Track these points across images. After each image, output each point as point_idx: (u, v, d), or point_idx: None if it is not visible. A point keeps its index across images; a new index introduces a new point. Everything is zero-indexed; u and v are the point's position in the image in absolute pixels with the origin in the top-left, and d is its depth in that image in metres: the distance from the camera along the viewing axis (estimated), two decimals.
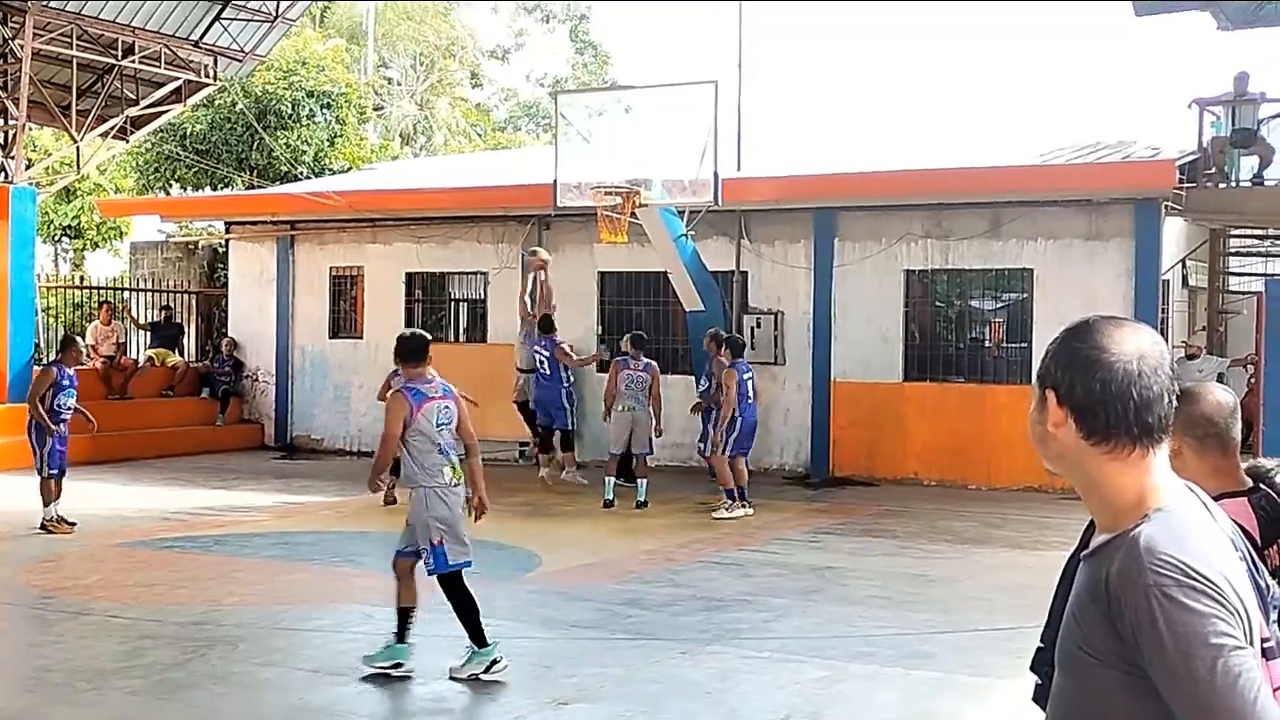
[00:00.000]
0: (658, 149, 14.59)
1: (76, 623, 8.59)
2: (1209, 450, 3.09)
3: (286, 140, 26.30)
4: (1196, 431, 3.06)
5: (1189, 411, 3.02)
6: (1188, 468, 2.88)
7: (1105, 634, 1.87)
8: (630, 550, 11.44)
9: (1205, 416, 3.09)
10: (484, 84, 44.12)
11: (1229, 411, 3.14)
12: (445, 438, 7.26)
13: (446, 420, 7.28)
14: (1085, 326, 2.01)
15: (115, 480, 15.83)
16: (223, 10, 20.20)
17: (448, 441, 7.26)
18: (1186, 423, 3.00)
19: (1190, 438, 3.06)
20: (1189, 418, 3.02)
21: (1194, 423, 3.06)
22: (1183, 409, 2.80)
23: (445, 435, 7.26)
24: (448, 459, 7.27)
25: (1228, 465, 3.12)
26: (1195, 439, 3.06)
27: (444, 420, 7.28)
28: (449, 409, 7.32)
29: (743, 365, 13.38)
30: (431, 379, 7.46)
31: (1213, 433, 3.10)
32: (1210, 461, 3.08)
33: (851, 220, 16.37)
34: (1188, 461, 2.99)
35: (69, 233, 29.58)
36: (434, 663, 7.52)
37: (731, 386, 13.06)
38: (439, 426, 7.25)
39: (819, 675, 7.36)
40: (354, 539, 12.13)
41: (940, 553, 11.42)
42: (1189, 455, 3.03)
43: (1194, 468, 2.97)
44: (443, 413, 7.30)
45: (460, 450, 7.34)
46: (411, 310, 19.43)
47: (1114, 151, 16.74)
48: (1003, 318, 16.36)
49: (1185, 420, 2.98)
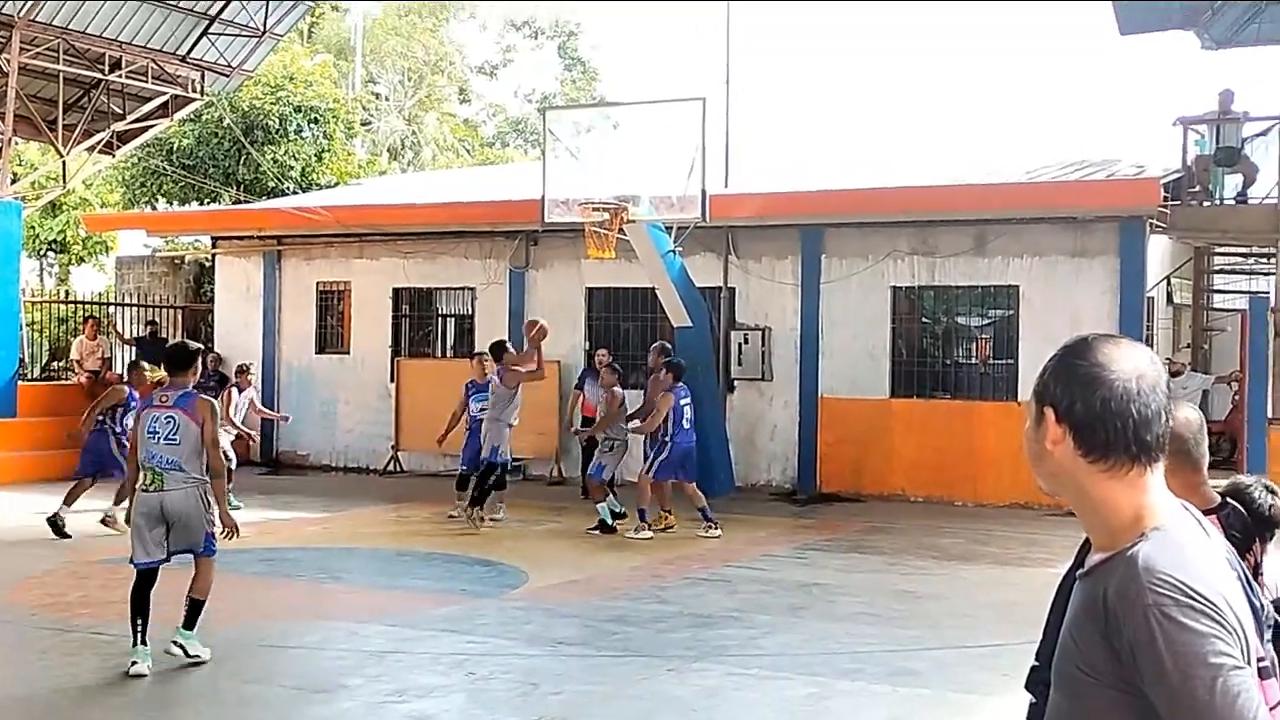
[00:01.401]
0: (645, 165, 14.62)
1: (60, 640, 8.53)
2: (1179, 467, 3.04)
3: (274, 155, 26.27)
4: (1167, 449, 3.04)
5: None
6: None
7: (1103, 654, 1.86)
8: (617, 567, 11.41)
9: (1174, 433, 3.08)
10: (472, 100, 44.17)
11: (1196, 428, 3.16)
12: (153, 446, 7.61)
13: (160, 430, 7.64)
14: (1083, 344, 2.00)
15: (99, 496, 15.72)
16: (210, 25, 20.19)
17: (155, 450, 7.61)
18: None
19: None
20: None
21: None
22: None
23: (154, 444, 7.61)
24: (149, 465, 7.62)
25: (1197, 482, 3.13)
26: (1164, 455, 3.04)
27: (156, 430, 7.64)
28: (171, 420, 7.65)
29: (681, 390, 13.00)
30: (184, 389, 7.82)
31: (1182, 449, 3.08)
32: (1181, 478, 3.03)
33: (839, 237, 16.41)
34: None
35: (54, 247, 29.47)
36: (417, 680, 7.49)
37: (663, 410, 12.82)
38: (149, 434, 7.65)
39: (806, 692, 7.34)
40: (339, 555, 12.09)
41: (927, 569, 11.42)
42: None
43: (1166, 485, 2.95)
44: (159, 422, 7.66)
45: (172, 459, 7.62)
46: (398, 325, 19.40)
47: (1099, 169, 16.82)
48: (989, 334, 16.40)
49: None
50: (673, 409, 12.93)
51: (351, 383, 19.38)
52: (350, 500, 15.89)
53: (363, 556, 12.15)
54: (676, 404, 12.97)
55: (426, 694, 7.23)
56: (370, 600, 10.05)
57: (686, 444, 13.10)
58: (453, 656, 7.99)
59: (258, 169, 26.12)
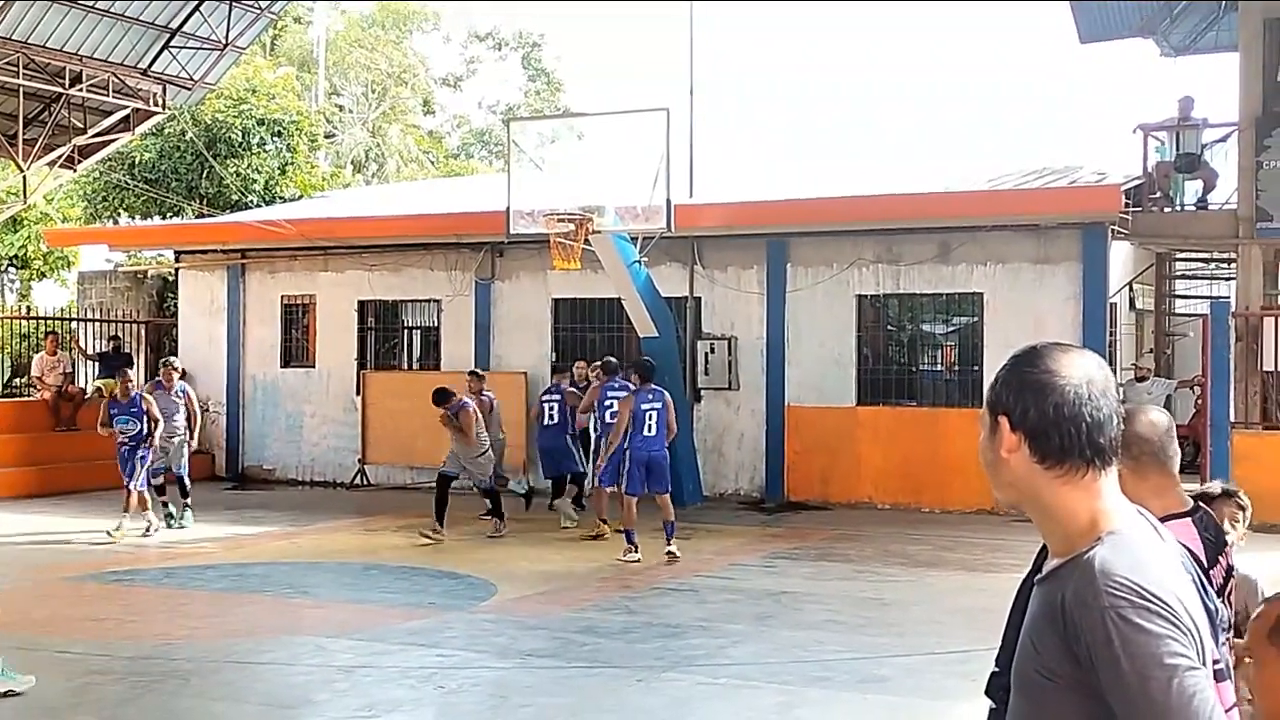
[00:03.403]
0: (610, 176, 14.65)
1: (24, 658, 8.42)
2: (1148, 470, 3.09)
3: (237, 168, 26.13)
4: (1132, 451, 3.04)
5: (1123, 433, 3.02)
6: (1127, 490, 2.83)
7: (1061, 657, 1.89)
8: (586, 578, 11.40)
9: (1139, 435, 3.09)
10: (436, 111, 44.10)
11: (1164, 430, 3.15)
12: None
13: None
14: (1033, 353, 2.03)
15: (63, 512, 15.59)
16: (172, 38, 20.07)
17: None
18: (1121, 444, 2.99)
19: (1126, 459, 2.95)
20: (1123, 439, 3.01)
21: (1128, 443, 2.96)
22: None
23: None
24: None
25: (1168, 484, 3.12)
26: (1131, 459, 3.03)
27: None
28: None
29: (645, 395, 12.23)
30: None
31: (1149, 451, 3.10)
32: (1151, 481, 3.08)
33: (804, 246, 16.48)
34: (1126, 483, 2.94)
35: (15, 262, 29.19)
36: (386, 695, 7.45)
37: (624, 416, 12.19)
38: None
39: (775, 700, 7.35)
40: (306, 570, 12.01)
41: (894, 576, 11.47)
42: (1127, 477, 2.96)
43: (1134, 489, 2.85)
44: None
45: None
46: (364, 338, 19.32)
47: (1061, 176, 16.98)
48: (954, 342, 16.51)
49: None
50: (634, 414, 12.08)
51: (317, 396, 19.28)
52: (317, 514, 15.79)
53: (330, 571, 12.08)
54: (638, 409, 12.10)
55: (395, 708, 7.20)
56: (338, 615, 10.00)
57: (645, 452, 12.08)
58: (422, 670, 7.96)
59: (221, 182, 25.96)
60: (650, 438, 12.11)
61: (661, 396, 12.22)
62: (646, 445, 12.12)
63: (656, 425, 12.12)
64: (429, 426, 17.18)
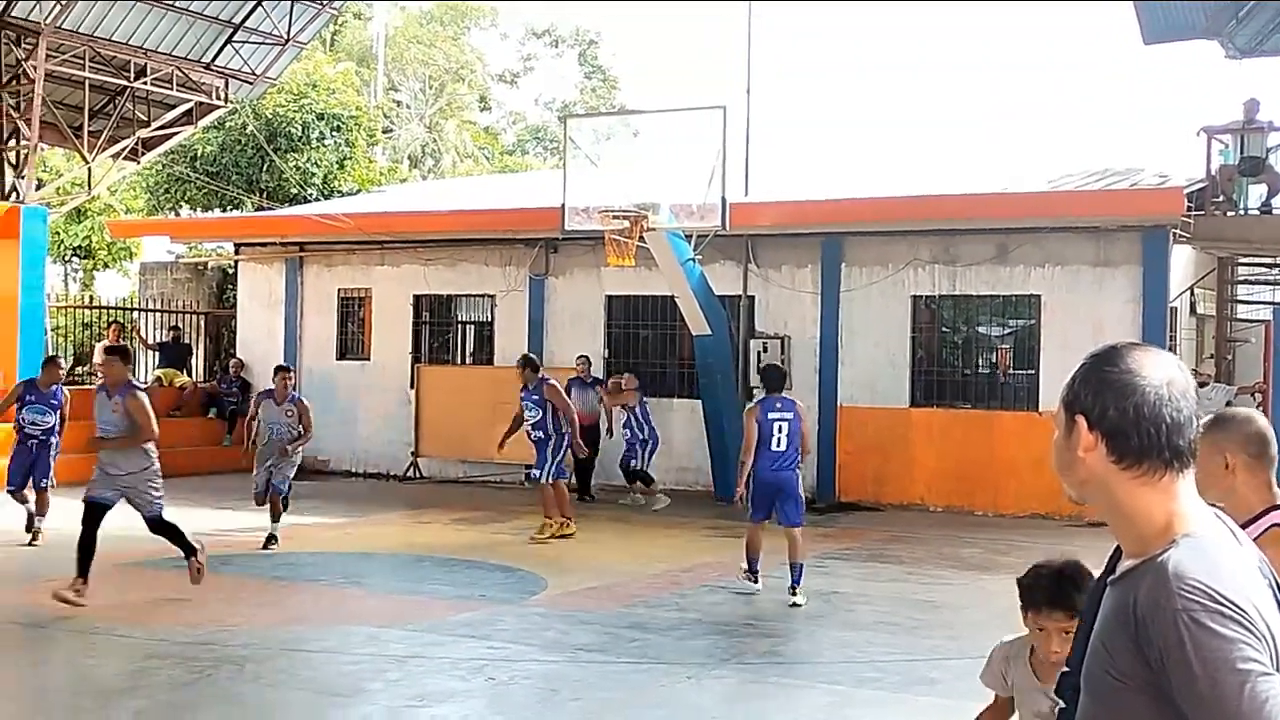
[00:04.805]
0: (665, 173, 14.66)
1: (82, 642, 8.59)
2: (1261, 467, 3.37)
3: (296, 162, 26.41)
4: (1252, 449, 3.33)
5: (1245, 430, 3.36)
6: (1239, 481, 3.30)
7: (1132, 659, 1.86)
8: (636, 574, 11.42)
9: (1260, 435, 3.39)
10: (492, 107, 44.33)
11: (1273, 434, 3.45)
12: None
13: None
14: (1113, 351, 2.01)
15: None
16: (235, 33, 20.33)
17: None
18: (1243, 440, 3.34)
19: (1246, 455, 3.34)
20: (1245, 436, 3.35)
21: (1250, 440, 3.36)
22: (1238, 428, 3.32)
23: None
24: None
25: (1272, 481, 3.40)
26: (1250, 455, 3.33)
27: None
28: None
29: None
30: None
31: (1267, 452, 3.38)
32: (1261, 477, 3.36)
33: (859, 245, 16.39)
34: (1239, 475, 3.32)
35: (79, 253, 29.67)
36: (437, 685, 7.51)
37: (751, 430, 10.35)
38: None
39: (826, 701, 7.33)
40: (359, 560, 12.12)
41: (947, 579, 11.39)
42: (1242, 471, 3.33)
43: (1245, 481, 3.31)
44: None
45: None
46: (419, 332, 19.46)
47: (1122, 179, 16.76)
48: (1010, 344, 16.35)
49: (1242, 438, 3.36)
50: (759, 426, 10.15)
51: (372, 389, 19.44)
52: (370, 506, 15.93)
53: (383, 562, 12.18)
54: (764, 419, 10.15)
55: (446, 699, 7.25)
56: (390, 605, 10.09)
57: (770, 472, 10.13)
58: (473, 662, 8.01)
59: (280, 176, 26.26)
60: (778, 454, 10.09)
61: (792, 406, 10.32)
62: (773, 463, 10.10)
63: (787, 439, 10.10)
64: (482, 420, 17.31)
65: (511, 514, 14.61)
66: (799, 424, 10.18)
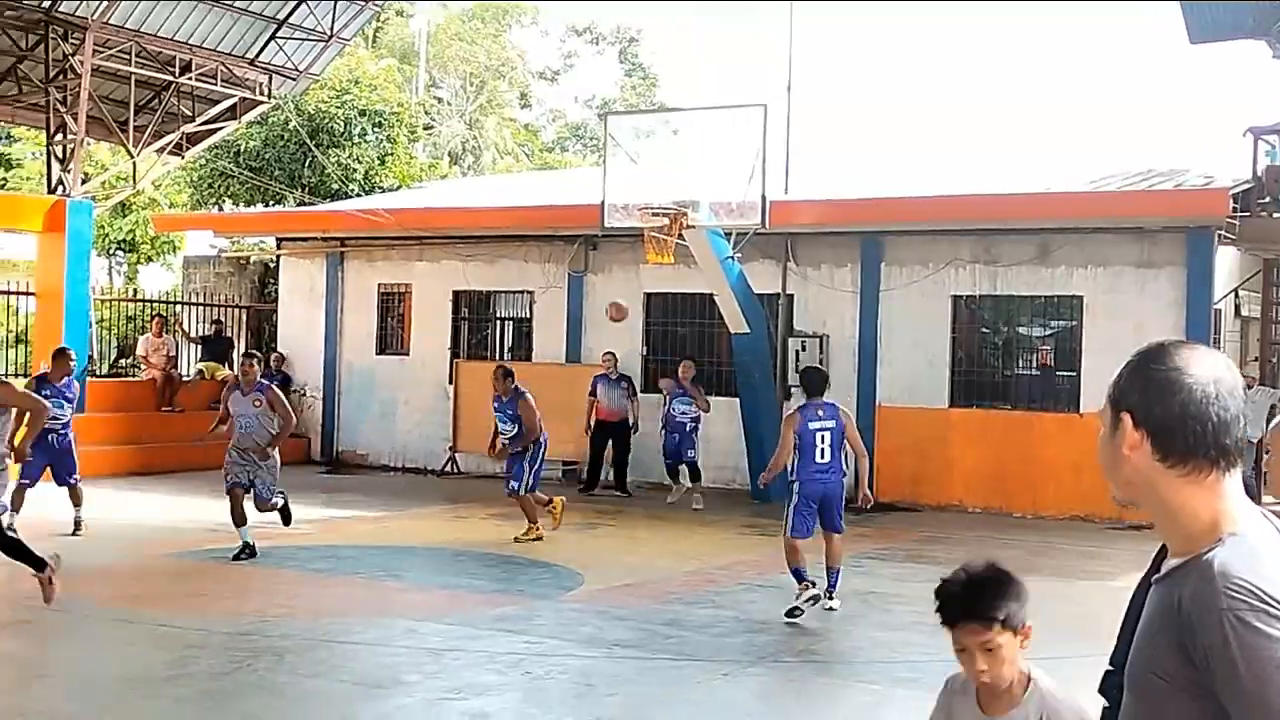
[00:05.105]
0: (705, 171, 14.64)
1: (125, 631, 8.70)
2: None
3: (338, 158, 26.58)
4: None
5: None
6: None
7: (1177, 658, 1.86)
8: (672, 571, 11.43)
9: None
10: (533, 104, 44.45)
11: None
12: None
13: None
14: (1160, 349, 2.00)
15: (164, 490, 16.01)
16: (278, 29, 20.49)
17: None
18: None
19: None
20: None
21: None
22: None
23: None
24: None
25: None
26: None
27: None
28: None
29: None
30: None
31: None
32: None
33: (899, 244, 16.33)
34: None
35: (124, 246, 30.01)
36: (474, 678, 7.55)
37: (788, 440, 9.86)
38: None
39: (862, 700, 7.32)
40: (397, 554, 12.20)
41: None
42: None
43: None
44: None
45: None
46: (457, 328, 19.55)
47: (1166, 179, 16.60)
48: (1051, 345, 16.23)
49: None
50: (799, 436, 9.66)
51: (411, 384, 19.55)
52: (408, 500, 16.03)
53: (421, 556, 12.26)
54: (804, 430, 9.66)
55: (483, 692, 7.29)
56: (428, 599, 10.15)
57: (819, 484, 9.77)
58: (510, 656, 8.05)
59: (322, 171, 26.44)
60: (823, 465, 9.63)
61: (834, 412, 9.80)
62: (821, 475, 9.65)
63: (830, 449, 9.66)
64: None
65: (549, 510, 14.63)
66: (842, 430, 9.71)
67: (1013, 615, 3.05)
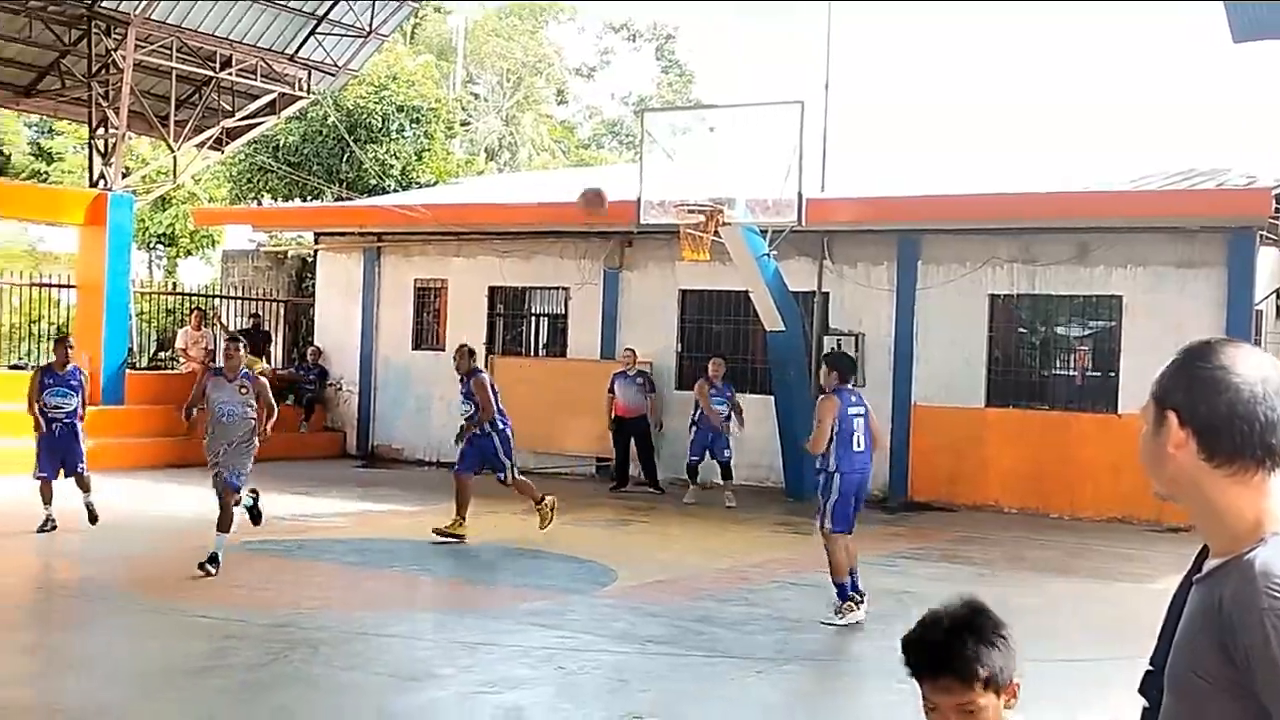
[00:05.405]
0: (742, 168, 14.60)
1: (165, 620, 8.78)
2: None
3: (375, 154, 26.72)
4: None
5: None
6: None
7: (1218, 658, 1.85)
8: (705, 568, 11.43)
9: None
10: (569, 101, 44.52)
11: None
12: None
13: None
14: (1206, 348, 1.98)
15: (202, 483, 16.11)
16: (318, 25, 20.62)
17: None
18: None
19: None
20: None
21: None
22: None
23: None
24: None
25: None
26: None
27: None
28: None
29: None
30: None
31: None
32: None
33: (936, 243, 16.25)
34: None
35: (163, 240, 30.29)
36: (507, 672, 7.58)
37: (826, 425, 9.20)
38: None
39: (894, 699, 7.28)
40: (431, 548, 12.25)
41: (1020, 581, 11.25)
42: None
43: None
44: None
45: None
46: (493, 324, 19.61)
47: (1207, 179, 16.43)
48: (1089, 345, 16.11)
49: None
50: (839, 421, 9.13)
51: (446, 379, 19.53)
52: (443, 495, 15.99)
53: (455, 550, 12.31)
54: (844, 415, 9.17)
55: (517, 685, 7.32)
56: (462, 593, 10.20)
57: (860, 474, 9.35)
58: (542, 650, 8.08)
59: (360, 167, 26.59)
60: (860, 454, 9.16)
61: (862, 400, 9.47)
62: (861, 465, 9.21)
63: (865, 437, 9.22)
64: (553, 412, 17.43)
65: (583, 505, 14.68)
66: (869, 419, 9.36)
67: (999, 672, 2.43)
